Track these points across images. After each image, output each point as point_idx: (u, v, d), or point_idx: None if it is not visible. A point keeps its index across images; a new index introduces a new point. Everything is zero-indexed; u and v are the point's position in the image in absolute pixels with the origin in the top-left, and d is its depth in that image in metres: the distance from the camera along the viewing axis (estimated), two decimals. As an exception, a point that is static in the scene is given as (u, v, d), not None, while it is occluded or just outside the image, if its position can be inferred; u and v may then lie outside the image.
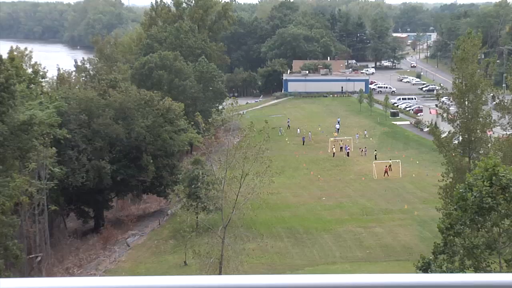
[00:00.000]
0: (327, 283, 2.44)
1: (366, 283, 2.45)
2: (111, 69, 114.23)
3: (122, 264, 68.51)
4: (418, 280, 2.50)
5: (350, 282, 2.45)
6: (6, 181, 54.62)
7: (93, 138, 77.29)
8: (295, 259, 66.87)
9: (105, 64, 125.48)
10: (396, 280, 2.47)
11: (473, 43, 72.39)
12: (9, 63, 69.06)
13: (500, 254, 42.18)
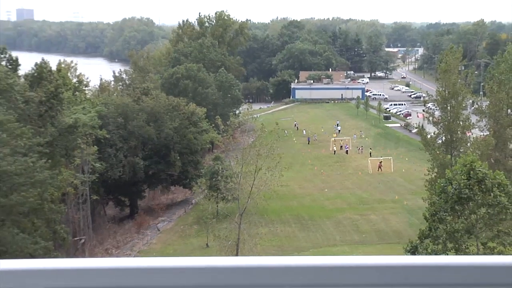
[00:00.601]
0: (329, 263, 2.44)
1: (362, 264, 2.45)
2: (144, 79, 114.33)
3: (153, 246, 68.65)
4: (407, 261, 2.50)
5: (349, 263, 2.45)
6: (54, 173, 54.86)
7: (129, 138, 77.52)
8: (301, 242, 66.89)
9: (138, 74, 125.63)
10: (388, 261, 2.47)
11: (455, 56, 72.76)
12: (57, 74, 69.40)
13: (477, 238, 42.42)
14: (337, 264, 2.38)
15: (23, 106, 58.78)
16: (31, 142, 52.30)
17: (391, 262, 2.39)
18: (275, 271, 2.39)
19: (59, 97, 63.85)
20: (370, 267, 2.39)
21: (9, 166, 47.40)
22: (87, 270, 2.38)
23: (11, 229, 47.71)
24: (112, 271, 2.37)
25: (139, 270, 2.39)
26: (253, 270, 2.38)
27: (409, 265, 2.42)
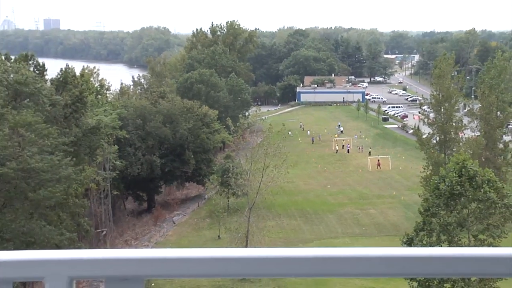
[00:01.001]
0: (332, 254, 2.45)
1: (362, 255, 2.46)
2: (160, 83, 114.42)
3: (169, 238, 68.74)
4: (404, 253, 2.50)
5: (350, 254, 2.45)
6: (78, 170, 55.02)
7: (146, 138, 77.65)
8: (306, 234, 66.87)
9: (156, 79, 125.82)
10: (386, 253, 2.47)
11: (447, 63, 73.12)
12: (80, 78, 69.60)
13: (468, 231, 42.50)
14: (339, 255, 2.40)
15: (49, 109, 58.95)
16: (57, 142, 52.47)
17: (389, 253, 2.41)
18: (282, 261, 2.40)
19: (83, 100, 64.04)
20: (370, 258, 2.40)
21: (37, 164, 47.59)
22: (108, 260, 2.39)
23: (39, 222, 47.89)
24: (132, 261, 2.39)
25: (157, 260, 2.40)
26: (262, 261, 2.40)
27: (405, 256, 2.42)
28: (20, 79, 58.47)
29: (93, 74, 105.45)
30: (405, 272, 2.42)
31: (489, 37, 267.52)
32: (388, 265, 2.41)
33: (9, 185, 47.51)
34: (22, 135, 49.61)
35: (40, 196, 48.03)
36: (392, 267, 2.41)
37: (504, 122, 71.86)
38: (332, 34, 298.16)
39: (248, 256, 2.41)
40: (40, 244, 45.78)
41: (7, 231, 46.06)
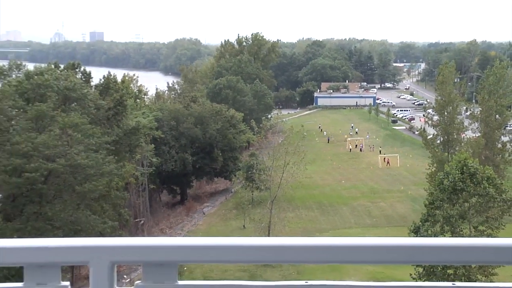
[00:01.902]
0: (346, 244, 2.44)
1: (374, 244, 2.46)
2: (192, 89, 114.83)
3: (200, 227, 68.92)
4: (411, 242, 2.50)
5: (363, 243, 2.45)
6: (119, 166, 55.35)
7: (180, 137, 77.89)
8: (322, 224, 66.73)
9: (188, 85, 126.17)
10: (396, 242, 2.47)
11: (449, 70, 73.25)
12: (121, 84, 70.01)
13: (469, 222, 42.52)
14: (353, 244, 2.39)
15: (94, 112, 59.35)
16: (101, 141, 52.81)
17: (399, 242, 2.40)
18: (301, 249, 2.40)
19: (123, 104, 64.39)
20: (381, 246, 2.40)
21: (83, 160, 47.93)
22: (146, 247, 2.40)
23: (84, 212, 48.24)
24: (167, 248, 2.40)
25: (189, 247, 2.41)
26: (282, 249, 2.40)
27: (413, 245, 2.42)
28: (68, 86, 58.94)
29: (133, 80, 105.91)
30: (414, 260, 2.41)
31: (489, 47, 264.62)
32: (398, 254, 2.41)
33: (58, 179, 47.96)
34: (70, 135, 49.99)
35: (86, 189, 48.40)
36: (402, 255, 2.41)
37: (502, 124, 71.66)
38: (346, 45, 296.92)
39: (270, 245, 2.41)
40: (86, 232, 46.13)
41: (57, 220, 46.49)
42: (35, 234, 43.24)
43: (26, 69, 68.58)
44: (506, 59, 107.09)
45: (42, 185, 46.80)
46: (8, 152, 46.33)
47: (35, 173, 45.55)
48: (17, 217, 46.95)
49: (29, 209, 47.37)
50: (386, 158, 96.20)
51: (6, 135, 48.47)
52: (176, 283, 2.40)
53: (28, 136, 47.45)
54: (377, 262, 2.46)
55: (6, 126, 49.70)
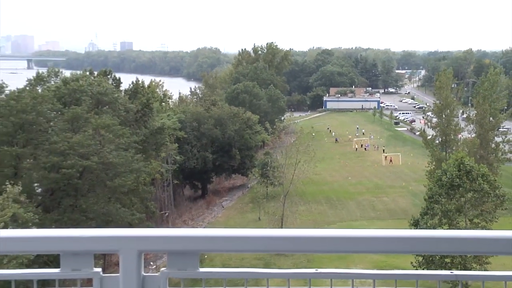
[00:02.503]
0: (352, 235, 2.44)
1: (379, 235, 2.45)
2: (212, 93, 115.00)
3: (219, 219, 68.97)
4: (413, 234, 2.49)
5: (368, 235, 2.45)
6: (146, 163, 55.57)
7: (201, 137, 78.02)
8: (330, 217, 66.54)
9: (208, 90, 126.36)
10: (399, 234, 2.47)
11: (447, 77, 73.48)
12: (148, 89, 70.25)
13: (465, 216, 42.41)
14: (358, 236, 2.39)
15: (124, 114, 59.62)
16: (130, 140, 53.06)
17: (400, 234, 2.40)
18: (311, 240, 2.40)
19: (150, 107, 64.68)
20: (384, 238, 2.39)
21: (114, 158, 48.17)
22: (170, 237, 2.41)
23: (115, 204, 48.47)
24: (189, 239, 2.40)
25: (210, 238, 2.41)
26: (294, 239, 2.40)
27: (413, 237, 2.41)
28: (101, 90, 59.26)
29: (158, 86, 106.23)
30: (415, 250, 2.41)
31: (483, 55, 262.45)
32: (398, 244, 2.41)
33: (92, 175, 48.25)
34: (102, 135, 50.27)
35: (116, 184, 48.65)
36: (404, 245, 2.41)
37: (495, 126, 71.29)
38: (353, 53, 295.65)
39: (283, 236, 2.41)
40: (116, 223, 46.34)
41: (90, 212, 46.75)
42: (71, 225, 43.55)
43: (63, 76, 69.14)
44: (499, 67, 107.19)
45: (77, 180, 47.11)
46: (47, 150, 46.68)
47: (71, 169, 45.86)
48: (55, 209, 47.31)
49: (65, 202, 47.71)
50: (389, 156, 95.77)
51: (45, 135, 48.84)
52: (197, 270, 2.40)
53: (65, 136, 47.77)
54: (380, 252, 2.46)
55: (45, 127, 50.08)
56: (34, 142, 48.15)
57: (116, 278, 2.40)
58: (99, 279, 2.42)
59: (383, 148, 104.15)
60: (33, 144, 48.06)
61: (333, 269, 2.41)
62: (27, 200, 40.71)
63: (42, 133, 48.94)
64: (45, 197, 48.59)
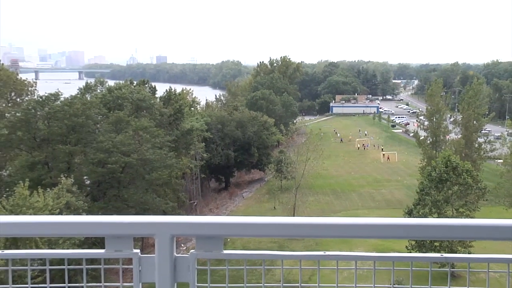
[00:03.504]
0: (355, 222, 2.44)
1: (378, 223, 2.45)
2: (234, 100, 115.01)
3: (239, 208, 69.03)
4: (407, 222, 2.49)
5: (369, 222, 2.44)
6: (178, 160, 55.80)
7: (224, 138, 78.07)
8: (336, 207, 66.29)
9: (231, 97, 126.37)
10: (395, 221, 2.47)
11: (437, 86, 73.51)
12: (179, 96, 70.48)
13: (452, 205, 42.43)
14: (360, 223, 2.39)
15: (159, 117, 59.96)
16: (164, 140, 53.33)
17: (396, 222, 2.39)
18: (319, 226, 2.40)
19: (181, 111, 64.94)
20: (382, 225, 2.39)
21: (150, 155, 48.44)
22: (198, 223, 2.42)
23: (151, 195, 48.76)
24: (214, 225, 2.41)
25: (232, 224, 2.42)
26: (304, 226, 2.40)
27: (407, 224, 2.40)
28: (140, 97, 59.62)
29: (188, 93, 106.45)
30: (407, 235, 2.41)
31: (468, 68, 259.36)
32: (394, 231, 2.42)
33: (132, 169, 48.56)
34: (141, 136, 50.60)
35: (153, 177, 48.94)
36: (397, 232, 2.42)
37: (478, 128, 70.86)
38: (355, 65, 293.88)
39: (295, 223, 2.41)
40: (152, 210, 46.63)
41: (130, 201, 47.08)
42: (114, 212, 43.87)
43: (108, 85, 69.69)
44: (481, 78, 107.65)
45: (119, 174, 47.48)
46: (95, 148, 47.10)
47: (114, 164, 46.23)
48: (101, 198, 47.74)
49: (110, 192, 48.12)
50: (387, 154, 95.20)
51: (93, 135, 49.30)
52: (221, 252, 2.41)
53: (109, 136, 48.14)
54: (379, 237, 2.46)
55: (93, 128, 50.58)
56: (83, 141, 48.62)
57: (152, 258, 2.42)
58: (138, 259, 2.44)
59: (382, 147, 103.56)
60: (83, 143, 48.53)
61: (338, 252, 2.41)
62: (78, 191, 41.12)
63: (90, 134, 49.42)
64: (93, 188, 49.03)
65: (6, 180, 45.68)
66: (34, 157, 46.58)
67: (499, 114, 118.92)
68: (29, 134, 47.56)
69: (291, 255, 2.42)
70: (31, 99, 57.82)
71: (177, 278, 2.41)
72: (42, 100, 50.71)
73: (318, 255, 2.40)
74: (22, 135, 47.18)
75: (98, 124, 52.68)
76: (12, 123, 48.18)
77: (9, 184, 42.18)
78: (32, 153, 47.17)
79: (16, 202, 34.08)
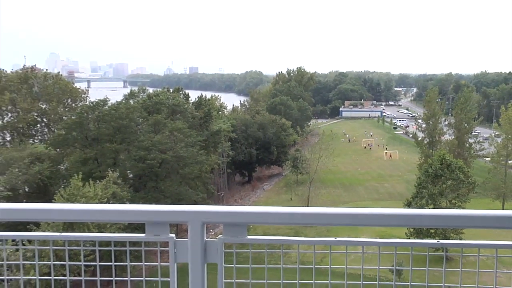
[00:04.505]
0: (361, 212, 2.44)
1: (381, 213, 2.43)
2: (256, 105, 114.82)
3: (261, 199, 69.05)
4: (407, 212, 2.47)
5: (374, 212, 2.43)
6: (207, 157, 55.98)
7: (247, 138, 78.08)
8: (344, 198, 65.90)
9: (254, 103, 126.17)
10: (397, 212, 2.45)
11: (433, 93, 73.43)
12: (209, 102, 70.66)
13: (446, 198, 42.20)
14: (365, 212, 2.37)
15: (191, 120, 60.23)
16: (195, 140, 53.55)
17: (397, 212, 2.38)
18: (330, 215, 2.39)
19: (210, 115, 65.07)
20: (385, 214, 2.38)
21: (184, 153, 48.68)
22: (225, 212, 2.43)
23: (185, 187, 49.02)
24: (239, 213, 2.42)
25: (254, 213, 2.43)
26: (317, 215, 2.39)
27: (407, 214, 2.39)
28: (175, 103, 59.96)
29: (216, 99, 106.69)
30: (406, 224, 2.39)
31: (460, 77, 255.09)
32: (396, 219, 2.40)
33: (168, 165, 48.88)
34: (175, 136, 50.89)
35: (185, 172, 49.18)
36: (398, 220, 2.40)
37: (469, 130, 70.18)
38: (362, 75, 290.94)
39: (309, 212, 2.41)
40: (185, 200, 46.85)
41: (167, 192, 47.39)
42: (153, 201, 44.24)
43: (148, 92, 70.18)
44: (472, 86, 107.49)
45: (157, 169, 47.83)
46: (136, 146, 47.56)
47: (153, 161, 46.61)
48: (142, 189, 48.15)
49: (149, 184, 48.49)
50: (389, 153, 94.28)
51: (135, 136, 49.76)
52: (245, 237, 2.42)
53: (149, 136, 48.56)
54: (382, 225, 2.45)
55: (135, 129, 51.03)
56: (127, 141, 49.13)
57: (186, 242, 2.44)
58: (173, 242, 2.46)
59: (386, 146, 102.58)
60: (127, 142, 49.05)
61: (347, 238, 2.40)
62: (122, 183, 41.58)
63: (133, 134, 49.90)
64: (135, 181, 49.51)
65: (63, 173, 46.49)
66: (86, 154, 47.31)
67: (487, 118, 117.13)
68: (82, 134, 48.30)
69: (306, 240, 2.42)
70: (84, 104, 58.81)
71: (207, 259, 2.43)
72: (93, 105, 51.48)
73: (329, 240, 2.39)
74: (77, 135, 48.01)
75: (140, 125, 53.18)
76: (68, 125, 49.03)
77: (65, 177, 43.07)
78: (84, 151, 47.91)
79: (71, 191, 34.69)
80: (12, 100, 59.61)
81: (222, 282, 2.41)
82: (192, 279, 2.41)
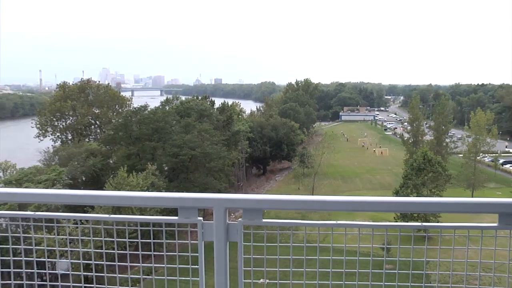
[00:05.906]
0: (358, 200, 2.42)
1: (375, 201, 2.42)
2: (270, 110, 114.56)
3: (273, 188, 68.89)
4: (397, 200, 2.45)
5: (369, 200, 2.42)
6: (229, 153, 56.04)
7: (262, 137, 77.92)
8: (343, 188, 65.36)
9: (268, 108, 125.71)
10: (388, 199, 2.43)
11: (416, 101, 73.40)
12: (230, 107, 70.74)
13: (427, 187, 41.93)
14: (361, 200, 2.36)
15: (216, 122, 60.34)
16: (219, 139, 53.64)
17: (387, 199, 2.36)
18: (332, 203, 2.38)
19: (232, 118, 65.14)
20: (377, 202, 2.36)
21: (209, 150, 48.80)
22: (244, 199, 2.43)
23: (210, 178, 49.13)
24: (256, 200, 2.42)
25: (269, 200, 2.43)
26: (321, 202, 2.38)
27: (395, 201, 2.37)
28: (202, 108, 60.10)
29: (237, 105, 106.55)
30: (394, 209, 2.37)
31: (439, 88, 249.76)
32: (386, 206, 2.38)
33: (196, 160, 49.09)
34: (203, 136, 51.06)
35: (211, 166, 49.30)
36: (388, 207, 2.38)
37: (446, 131, 69.53)
38: (358, 85, 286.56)
39: (313, 199, 2.40)
40: (211, 189, 46.96)
41: (195, 182, 47.58)
42: (184, 190, 44.46)
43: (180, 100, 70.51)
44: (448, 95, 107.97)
45: (188, 163, 48.08)
46: (171, 144, 47.86)
47: (184, 156, 46.87)
48: (175, 180, 48.45)
49: (181, 176, 48.75)
50: (380, 150, 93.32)
51: (169, 135, 50.07)
52: (261, 220, 2.43)
53: (181, 136, 48.83)
54: (375, 211, 2.43)
55: (169, 130, 51.35)
56: (163, 139, 49.49)
57: (211, 224, 2.45)
58: (201, 224, 2.47)
59: (380, 145, 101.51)
60: (163, 141, 49.41)
61: (346, 221, 2.40)
62: (159, 174, 41.95)
63: (167, 134, 50.25)
64: (169, 173, 49.86)
65: (112, 166, 47.14)
66: (130, 150, 47.83)
67: (460, 121, 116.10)
68: (127, 134, 48.87)
69: (311, 223, 2.42)
70: (128, 109, 59.61)
71: (229, 238, 2.44)
72: (135, 110, 52.10)
73: (331, 223, 2.39)
74: (122, 135, 48.61)
75: (173, 127, 53.53)
76: (116, 126, 49.73)
77: (114, 169, 43.68)
78: (128, 147, 48.43)
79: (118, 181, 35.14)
80: (73, 106, 61.20)
81: (242, 257, 2.42)
82: (216, 254, 2.43)
